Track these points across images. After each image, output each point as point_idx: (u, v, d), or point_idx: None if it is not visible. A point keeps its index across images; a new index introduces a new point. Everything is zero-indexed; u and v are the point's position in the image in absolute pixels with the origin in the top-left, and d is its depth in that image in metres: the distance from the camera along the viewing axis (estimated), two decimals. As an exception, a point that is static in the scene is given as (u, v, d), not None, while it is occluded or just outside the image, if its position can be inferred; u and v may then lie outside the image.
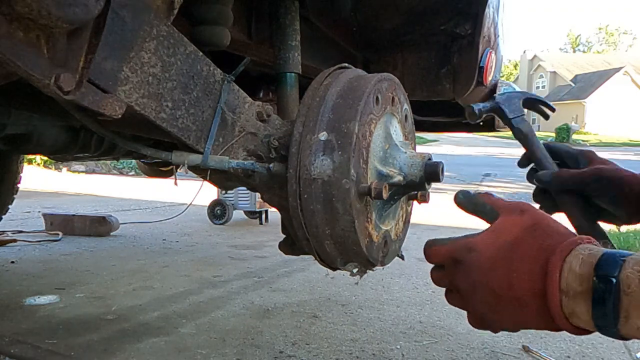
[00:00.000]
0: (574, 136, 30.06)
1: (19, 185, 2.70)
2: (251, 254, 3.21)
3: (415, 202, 1.05)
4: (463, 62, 1.54)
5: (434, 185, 0.95)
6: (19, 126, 1.52)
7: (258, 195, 2.77)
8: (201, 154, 0.88)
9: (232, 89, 0.93)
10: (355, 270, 0.92)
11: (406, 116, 1.04)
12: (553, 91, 41.89)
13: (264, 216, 4.60)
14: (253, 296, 2.24)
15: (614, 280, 0.48)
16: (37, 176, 7.95)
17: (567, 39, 71.56)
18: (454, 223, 4.78)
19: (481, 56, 1.51)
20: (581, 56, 51.96)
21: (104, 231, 3.73)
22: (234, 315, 1.99)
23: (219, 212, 4.44)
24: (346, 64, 0.99)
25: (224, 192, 4.39)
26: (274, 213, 4.53)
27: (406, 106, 1.04)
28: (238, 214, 4.65)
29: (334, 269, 0.97)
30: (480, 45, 1.48)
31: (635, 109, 36.20)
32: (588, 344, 1.76)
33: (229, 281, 2.50)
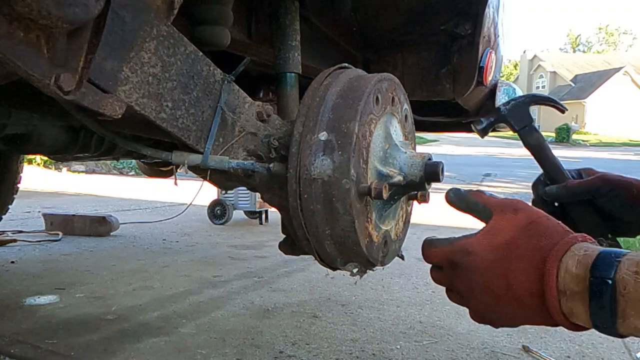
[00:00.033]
0: (574, 136, 30.05)
1: (19, 185, 2.70)
2: (251, 254, 3.21)
3: (415, 202, 1.05)
4: (463, 62, 1.54)
5: (434, 185, 0.95)
6: (19, 126, 1.52)
7: (258, 195, 2.77)
8: (201, 154, 0.88)
9: (232, 89, 0.93)
10: (355, 270, 0.92)
11: (406, 116, 1.04)
12: (553, 91, 41.89)
13: (264, 216, 4.60)
14: (253, 296, 2.24)
15: (609, 282, 0.49)
16: (37, 176, 7.95)
17: (567, 39, 71.62)
18: (454, 223, 4.78)
19: (481, 56, 1.51)
20: (581, 56, 51.96)
21: (104, 231, 3.73)
22: (234, 315, 1.99)
23: (219, 212, 4.44)
24: (346, 64, 0.99)
25: (224, 192, 4.39)
26: (274, 213, 4.53)
27: (406, 106, 1.04)
28: (238, 214, 4.65)
29: (334, 269, 0.97)
30: (480, 45, 1.49)
31: (635, 109, 36.19)
32: (588, 344, 1.76)
33: (229, 281, 2.50)
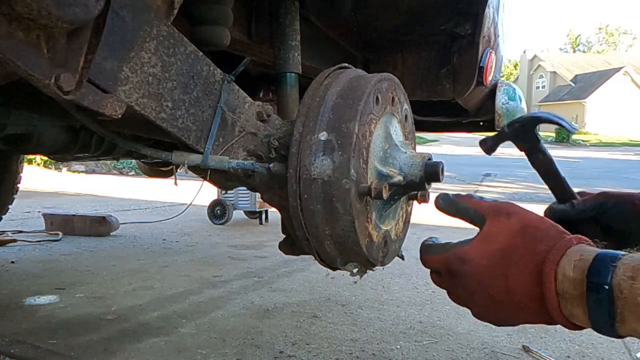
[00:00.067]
0: (574, 136, 30.05)
1: (19, 185, 2.70)
2: (251, 254, 3.21)
3: (415, 202, 1.05)
4: (463, 62, 1.54)
5: (434, 185, 0.95)
6: (19, 126, 1.52)
7: (258, 195, 2.77)
8: (201, 154, 0.88)
9: (232, 89, 0.93)
10: (355, 270, 0.92)
11: (406, 116, 1.04)
12: (553, 91, 41.90)
13: (264, 216, 4.60)
14: (253, 296, 2.24)
15: (606, 287, 0.49)
16: (37, 176, 7.95)
17: (567, 39, 71.59)
18: (454, 223, 4.77)
19: (481, 56, 1.51)
20: (581, 56, 51.95)
21: (104, 231, 3.73)
22: (234, 315, 1.99)
23: (219, 212, 4.45)
24: (346, 64, 0.99)
25: (224, 192, 4.39)
26: (274, 213, 4.53)
27: (406, 106, 1.04)
28: (238, 214, 4.65)
29: (334, 269, 0.97)
30: (480, 45, 1.49)
31: (635, 109, 36.18)
32: (588, 344, 1.76)
33: (229, 281, 2.50)
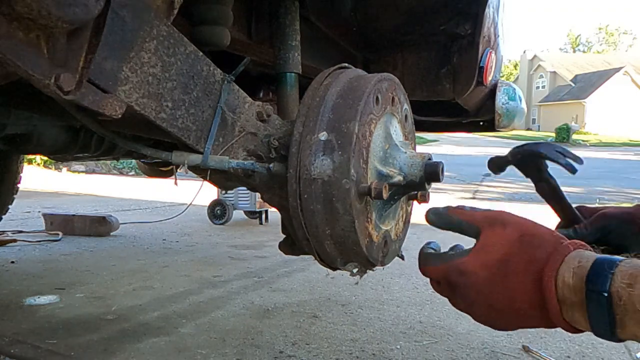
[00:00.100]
0: (574, 136, 30.06)
1: (19, 185, 2.70)
2: (251, 254, 3.21)
3: (415, 202, 1.05)
4: (463, 62, 1.54)
5: (434, 185, 0.95)
6: (19, 126, 1.52)
7: (258, 195, 2.77)
8: (201, 154, 0.88)
9: (232, 89, 0.93)
10: (355, 270, 0.92)
11: (406, 116, 1.04)
12: (553, 91, 41.90)
13: (264, 216, 4.60)
14: (253, 296, 2.24)
15: (605, 294, 0.50)
16: (37, 176, 7.95)
17: (567, 39, 71.61)
18: (454, 223, 4.78)
19: (481, 56, 1.51)
20: (581, 56, 51.95)
21: (104, 231, 3.73)
22: (234, 315, 1.99)
23: (219, 212, 4.45)
24: (346, 64, 0.99)
25: (224, 192, 4.39)
26: (274, 213, 4.53)
27: (406, 106, 1.04)
28: (238, 214, 4.65)
29: (334, 269, 0.97)
30: (480, 45, 1.49)
31: (635, 109, 36.18)
32: (588, 344, 1.76)
33: (229, 281, 2.50)
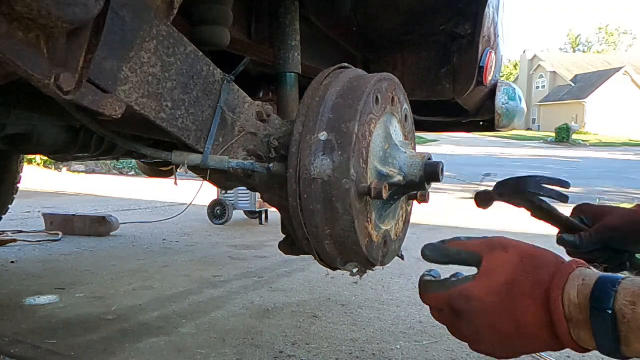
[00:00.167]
0: (574, 136, 30.06)
1: (19, 185, 2.69)
2: (251, 254, 3.21)
3: (415, 202, 1.05)
4: (463, 62, 1.54)
5: (434, 185, 0.95)
6: (19, 126, 1.52)
7: (258, 195, 2.77)
8: (201, 154, 0.88)
9: (232, 89, 0.93)
10: (355, 270, 0.92)
11: (406, 116, 1.04)
12: (553, 91, 41.89)
13: (264, 216, 4.60)
14: (253, 296, 2.24)
15: (609, 312, 0.50)
16: (37, 176, 7.95)
17: (567, 39, 71.61)
18: (453, 223, 4.79)
19: (481, 56, 1.51)
20: (581, 56, 51.95)
21: (104, 231, 3.73)
22: (234, 315, 1.99)
23: (219, 212, 4.44)
24: (346, 64, 0.99)
25: (224, 192, 4.39)
26: (274, 213, 4.53)
27: (406, 106, 1.04)
28: (238, 214, 4.65)
29: (334, 269, 0.97)
30: (480, 45, 1.49)
31: (635, 109, 36.18)
32: (588, 344, 1.76)
33: (229, 281, 2.50)
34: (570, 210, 0.99)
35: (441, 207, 5.85)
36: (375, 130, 0.89)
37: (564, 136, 29.07)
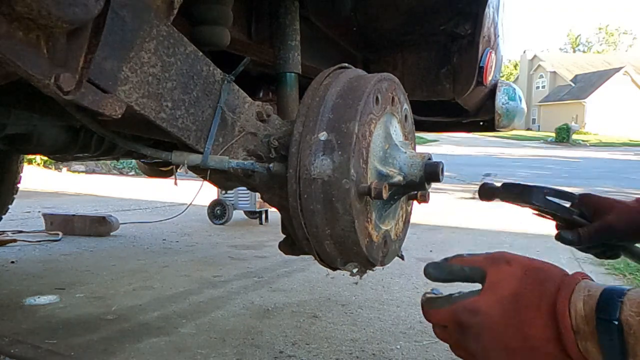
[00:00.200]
0: (574, 136, 30.06)
1: (19, 185, 2.69)
2: (251, 254, 3.21)
3: (415, 202, 1.05)
4: (463, 62, 1.54)
5: (434, 185, 0.95)
6: (19, 126, 1.52)
7: (258, 195, 2.77)
8: (201, 154, 0.88)
9: (232, 89, 0.93)
10: (355, 270, 0.92)
11: (406, 116, 1.04)
12: (553, 91, 41.89)
13: (264, 216, 4.60)
14: (253, 296, 2.24)
15: (616, 323, 0.50)
16: (37, 176, 7.95)
17: (567, 39, 71.61)
18: (453, 223, 4.79)
19: (481, 56, 1.51)
20: (581, 56, 51.95)
21: (104, 231, 3.73)
22: (234, 315, 1.99)
23: (219, 212, 4.44)
24: (346, 64, 0.99)
25: (224, 192, 4.39)
26: (274, 213, 4.53)
27: (406, 106, 1.04)
28: (238, 214, 4.65)
29: (334, 269, 0.97)
30: (480, 45, 1.49)
31: (635, 109, 36.18)
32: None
33: (229, 281, 2.50)
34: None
35: (441, 207, 5.85)
36: (375, 130, 0.89)
37: (564, 136, 29.08)
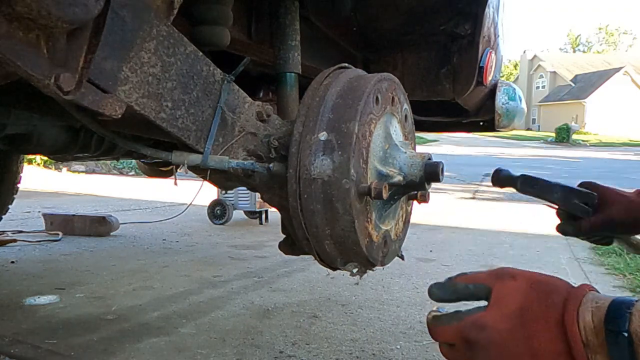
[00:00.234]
0: (574, 136, 30.07)
1: (19, 185, 2.69)
2: (251, 254, 3.21)
3: (415, 202, 1.05)
4: (463, 62, 1.54)
5: (434, 185, 0.95)
6: (19, 126, 1.52)
7: (258, 195, 2.77)
8: (201, 154, 0.88)
9: (232, 89, 0.93)
10: (355, 270, 0.92)
11: (406, 116, 1.04)
12: (553, 91, 41.89)
13: (264, 216, 4.60)
14: (253, 296, 2.24)
15: (625, 335, 0.50)
16: (37, 176, 7.95)
17: (567, 39, 71.63)
18: (453, 223, 4.78)
19: (481, 56, 1.51)
20: (581, 56, 51.97)
21: (104, 231, 3.73)
22: (234, 315, 1.99)
23: (219, 212, 4.44)
24: (346, 64, 0.99)
25: (224, 192, 4.39)
26: (274, 213, 4.53)
27: (406, 106, 1.04)
28: (238, 214, 4.65)
29: (334, 269, 0.97)
30: (480, 45, 1.49)
31: (635, 109, 36.19)
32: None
33: (229, 281, 2.50)
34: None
35: (441, 207, 5.85)
36: (375, 130, 0.89)
37: (564, 136, 29.08)
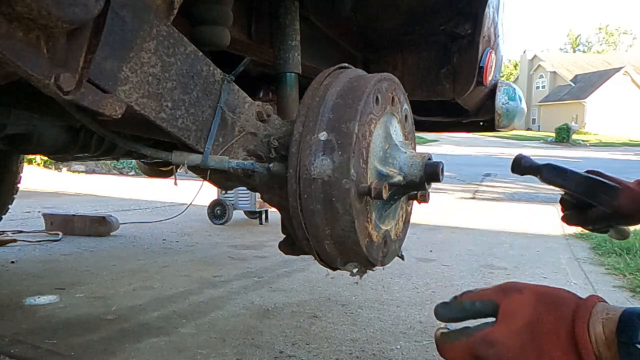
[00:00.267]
0: (574, 136, 30.06)
1: (19, 185, 2.69)
2: (251, 254, 3.21)
3: (415, 202, 1.05)
4: (463, 62, 1.54)
5: (434, 185, 0.95)
6: (19, 126, 1.52)
7: (258, 195, 2.77)
8: (201, 154, 0.88)
9: (232, 89, 0.93)
10: (355, 270, 0.92)
11: (406, 116, 1.04)
12: (553, 91, 41.89)
13: (264, 216, 4.60)
14: (253, 296, 2.24)
15: (638, 346, 0.49)
16: (37, 176, 7.95)
17: (567, 39, 71.64)
18: (453, 223, 4.79)
19: (481, 56, 1.51)
20: (581, 56, 51.96)
21: (104, 231, 3.73)
22: (234, 315, 1.99)
23: (219, 212, 4.44)
24: (346, 64, 0.99)
25: (224, 192, 4.39)
26: (274, 213, 4.53)
27: (406, 106, 1.04)
28: (238, 214, 4.65)
29: (334, 269, 0.97)
30: (480, 45, 1.49)
31: (635, 109, 36.18)
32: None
33: (229, 281, 2.50)
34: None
35: (441, 207, 5.85)
36: (375, 130, 0.89)
37: (564, 136, 29.07)
